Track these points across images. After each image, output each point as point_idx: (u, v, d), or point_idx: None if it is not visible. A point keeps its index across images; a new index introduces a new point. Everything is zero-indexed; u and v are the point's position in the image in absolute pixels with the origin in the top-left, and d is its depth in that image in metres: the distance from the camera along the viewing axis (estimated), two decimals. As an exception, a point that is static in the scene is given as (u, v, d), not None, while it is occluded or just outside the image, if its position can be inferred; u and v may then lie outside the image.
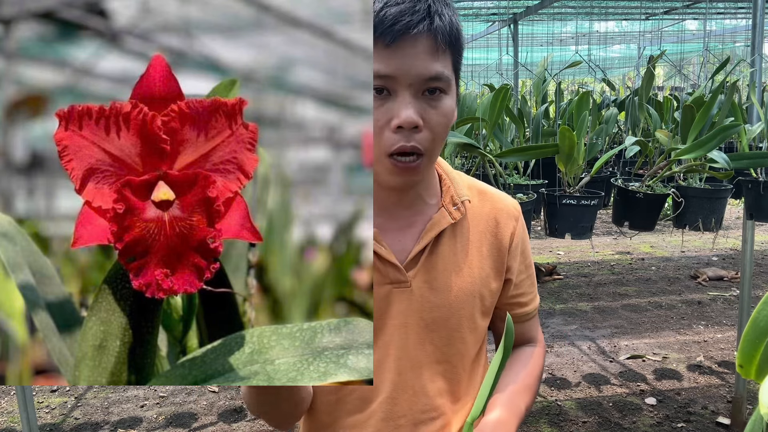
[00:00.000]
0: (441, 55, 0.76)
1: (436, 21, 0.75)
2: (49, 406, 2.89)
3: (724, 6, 5.04)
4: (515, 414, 0.86)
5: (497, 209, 0.92)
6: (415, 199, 0.88)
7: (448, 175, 0.91)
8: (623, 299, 4.28)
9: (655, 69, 2.77)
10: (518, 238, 0.93)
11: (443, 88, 0.77)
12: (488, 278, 0.90)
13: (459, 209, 0.88)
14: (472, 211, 0.91)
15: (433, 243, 0.87)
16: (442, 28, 0.75)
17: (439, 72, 0.76)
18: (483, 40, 5.75)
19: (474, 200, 0.92)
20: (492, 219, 0.92)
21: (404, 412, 0.87)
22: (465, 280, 0.88)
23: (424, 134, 0.77)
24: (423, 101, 0.76)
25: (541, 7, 4.11)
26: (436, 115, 0.77)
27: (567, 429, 2.62)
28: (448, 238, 0.88)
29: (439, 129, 0.78)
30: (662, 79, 11.44)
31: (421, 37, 0.74)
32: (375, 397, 0.87)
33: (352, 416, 0.88)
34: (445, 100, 0.78)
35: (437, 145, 0.80)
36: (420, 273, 0.86)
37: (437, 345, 0.88)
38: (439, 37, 0.75)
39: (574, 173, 2.27)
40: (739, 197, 2.67)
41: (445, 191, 0.90)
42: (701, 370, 3.15)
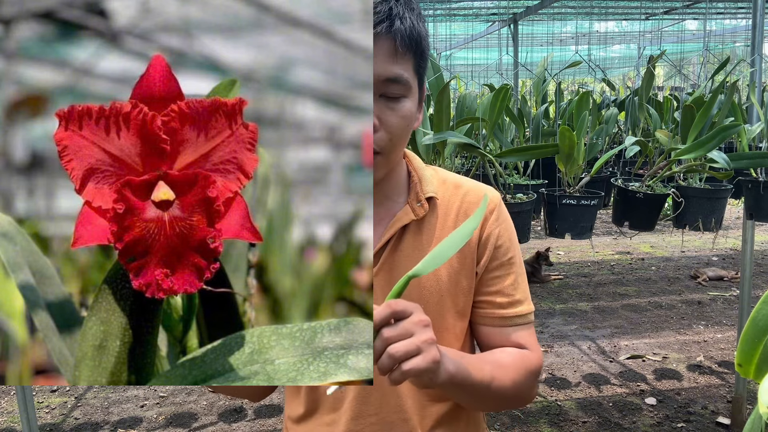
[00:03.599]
0: (401, 58, 0.77)
1: (396, 23, 0.75)
2: (49, 406, 2.89)
3: (724, 6, 5.04)
4: (477, 364, 0.80)
5: (467, 201, 0.89)
6: (382, 198, 0.88)
7: (417, 172, 0.91)
8: (623, 299, 4.28)
9: (655, 69, 2.77)
10: (490, 229, 0.88)
11: (402, 91, 0.78)
12: (457, 275, 0.87)
13: (423, 206, 0.87)
14: (443, 207, 0.89)
15: (396, 240, 0.86)
16: (402, 31, 0.76)
17: (397, 74, 0.77)
18: (483, 40, 5.75)
19: (447, 195, 0.90)
20: (462, 213, 0.89)
21: (374, 411, 0.87)
22: (429, 278, 0.85)
23: (381, 134, 0.79)
24: (381, 102, 0.78)
25: (541, 7, 4.11)
26: (394, 117, 0.78)
27: (567, 429, 2.62)
28: (411, 235, 0.87)
29: (396, 130, 0.79)
30: (662, 79, 11.44)
31: (380, 40, 0.75)
32: (346, 396, 0.87)
33: (329, 414, 0.88)
34: (405, 103, 0.79)
35: (395, 145, 0.80)
36: (382, 270, 0.86)
37: None
38: (398, 40, 0.76)
39: (574, 173, 2.27)
40: (739, 197, 2.67)
41: (412, 188, 0.89)
42: (701, 370, 3.15)
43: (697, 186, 2.45)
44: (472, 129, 2.40)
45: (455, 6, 4.54)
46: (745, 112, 2.58)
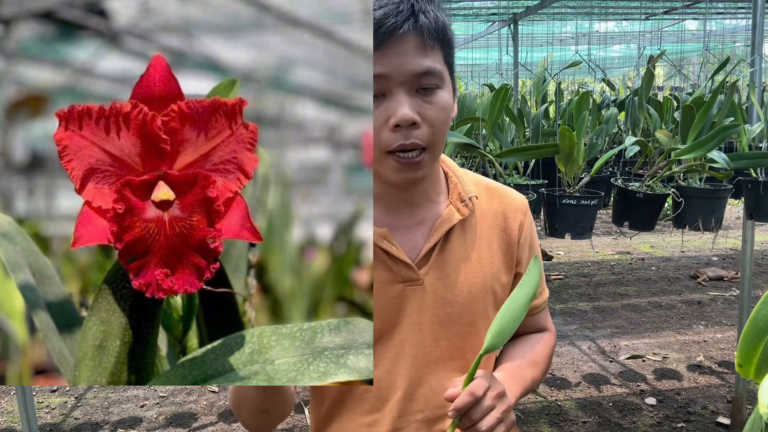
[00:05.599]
0: (430, 51, 0.78)
1: (421, 19, 0.77)
2: (49, 406, 2.89)
3: (724, 6, 5.04)
4: (519, 379, 0.89)
5: (505, 204, 0.94)
6: (422, 198, 0.89)
7: (454, 172, 0.93)
8: (623, 299, 4.28)
9: (655, 69, 2.77)
10: (526, 231, 0.95)
11: (436, 82, 0.79)
12: (499, 272, 0.91)
13: (467, 205, 0.90)
14: (479, 208, 0.92)
15: (443, 240, 0.88)
16: (428, 25, 0.77)
17: (429, 67, 0.78)
18: (483, 40, 5.75)
19: (481, 196, 0.93)
20: (500, 214, 0.93)
21: (420, 408, 0.88)
22: (476, 276, 0.89)
23: (423, 130, 0.79)
24: (418, 98, 0.79)
25: (541, 7, 4.11)
26: (433, 110, 0.79)
27: (567, 429, 2.62)
28: (457, 235, 0.89)
29: (437, 123, 0.80)
30: (662, 79, 11.44)
31: (407, 36, 0.76)
32: (392, 395, 0.88)
33: (369, 415, 0.88)
34: (441, 94, 0.80)
35: (438, 139, 0.81)
36: (432, 270, 0.87)
37: (452, 341, 0.88)
38: (425, 34, 0.77)
39: (574, 173, 2.27)
40: (739, 197, 2.67)
41: (452, 188, 0.91)
42: (701, 370, 3.15)
43: (697, 186, 2.45)
44: (472, 129, 2.40)
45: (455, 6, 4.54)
46: (745, 112, 2.58)
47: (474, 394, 0.75)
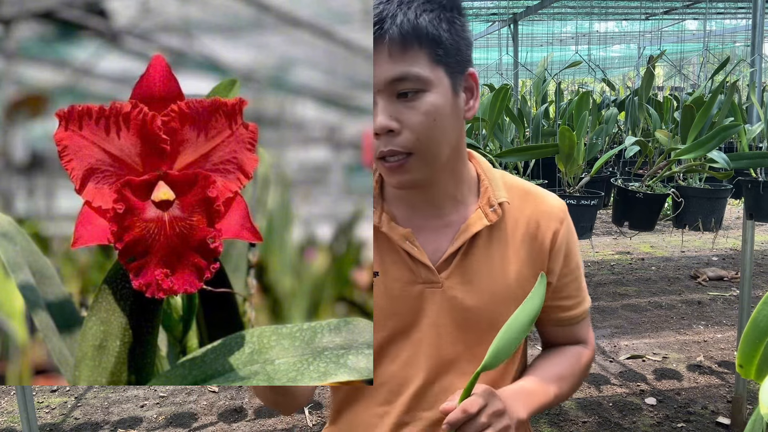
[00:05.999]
0: (408, 55, 0.75)
1: (386, 24, 0.74)
2: (49, 406, 2.89)
3: (724, 6, 5.04)
4: (536, 395, 0.87)
5: (539, 211, 0.91)
6: (443, 199, 0.87)
7: (487, 175, 0.90)
8: (623, 299, 4.28)
9: (655, 69, 2.77)
10: (561, 239, 0.91)
11: (417, 86, 0.76)
12: (526, 281, 0.88)
13: (495, 211, 0.87)
14: (511, 213, 0.89)
15: (468, 245, 0.87)
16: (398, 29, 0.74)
17: (402, 72, 0.75)
18: (483, 40, 5.75)
19: (516, 201, 0.90)
20: (533, 221, 0.90)
21: (429, 406, 0.89)
22: (500, 284, 0.87)
23: (404, 136, 0.77)
24: (398, 104, 0.76)
25: (541, 7, 4.11)
26: (415, 115, 0.77)
27: (567, 429, 2.62)
28: (483, 241, 0.87)
29: (420, 128, 0.77)
30: (662, 79, 11.44)
31: (382, 42, 0.75)
32: (404, 391, 0.89)
33: (381, 406, 0.90)
34: (425, 98, 0.77)
35: (428, 144, 0.79)
36: (453, 275, 0.86)
37: (469, 345, 0.88)
38: (398, 38, 0.74)
39: (574, 173, 2.27)
40: (739, 197, 2.67)
41: (483, 192, 0.89)
42: (701, 370, 3.16)
43: (697, 186, 2.45)
44: (472, 129, 2.40)
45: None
46: (745, 112, 2.57)
47: (467, 411, 0.74)
